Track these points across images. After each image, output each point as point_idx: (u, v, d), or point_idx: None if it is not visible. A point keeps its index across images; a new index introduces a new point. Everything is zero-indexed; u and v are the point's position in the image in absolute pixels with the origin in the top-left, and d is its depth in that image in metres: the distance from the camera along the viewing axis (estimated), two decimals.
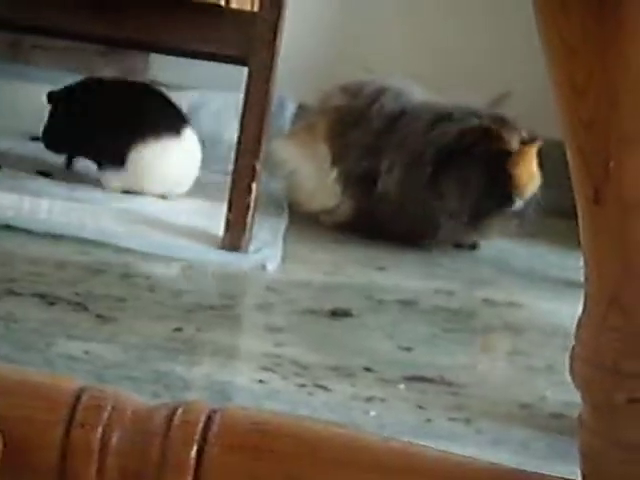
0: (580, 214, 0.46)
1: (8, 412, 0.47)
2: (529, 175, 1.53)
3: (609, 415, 0.47)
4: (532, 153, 1.54)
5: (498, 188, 1.53)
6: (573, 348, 0.49)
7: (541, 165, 1.54)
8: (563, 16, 0.41)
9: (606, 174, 0.43)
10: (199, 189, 1.65)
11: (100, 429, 0.47)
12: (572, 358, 0.49)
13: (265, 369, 0.98)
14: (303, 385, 0.95)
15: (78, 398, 0.48)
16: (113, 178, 1.54)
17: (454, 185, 1.52)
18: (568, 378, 1.05)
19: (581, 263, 1.52)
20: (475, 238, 1.58)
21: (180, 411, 0.48)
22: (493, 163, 1.52)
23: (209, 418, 0.48)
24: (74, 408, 0.47)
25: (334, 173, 1.59)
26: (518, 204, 1.54)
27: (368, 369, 1.02)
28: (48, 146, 1.62)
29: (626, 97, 0.42)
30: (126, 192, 1.54)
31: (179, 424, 0.48)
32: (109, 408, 0.48)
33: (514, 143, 1.52)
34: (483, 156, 1.52)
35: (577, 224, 0.48)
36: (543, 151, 1.54)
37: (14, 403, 0.47)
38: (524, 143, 1.53)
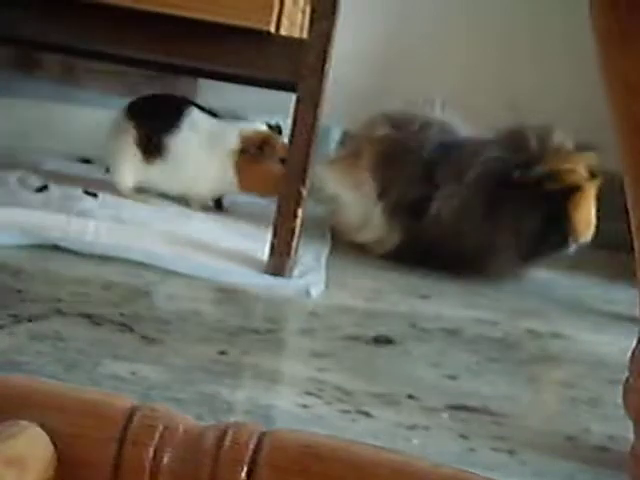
0: (635, 243, 0.46)
1: (62, 429, 0.47)
2: (588, 219, 1.51)
3: None
4: (593, 191, 1.51)
5: (555, 229, 1.51)
6: (627, 380, 0.49)
7: (599, 199, 1.51)
8: (623, 52, 0.41)
9: None
10: (245, 212, 1.66)
11: (152, 448, 0.47)
12: (626, 390, 0.48)
13: (308, 394, 0.98)
14: (346, 411, 0.95)
15: (131, 417, 0.48)
16: None
17: (510, 220, 1.51)
18: (612, 411, 1.04)
19: (625, 295, 1.51)
20: (522, 273, 1.57)
21: (231, 432, 0.48)
22: (553, 201, 1.50)
23: (259, 440, 0.49)
24: (126, 426, 0.48)
25: (380, 205, 1.59)
26: (572, 248, 1.52)
27: (411, 397, 1.02)
28: None
29: None
30: None
31: (230, 445, 0.48)
32: (161, 427, 0.48)
33: (577, 179, 1.50)
34: (544, 192, 1.50)
35: (620, 256, 0.48)
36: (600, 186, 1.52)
37: (68, 420, 0.48)
38: (587, 178, 1.51)
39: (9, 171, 1.64)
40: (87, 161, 1.85)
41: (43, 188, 1.60)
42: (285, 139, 1.50)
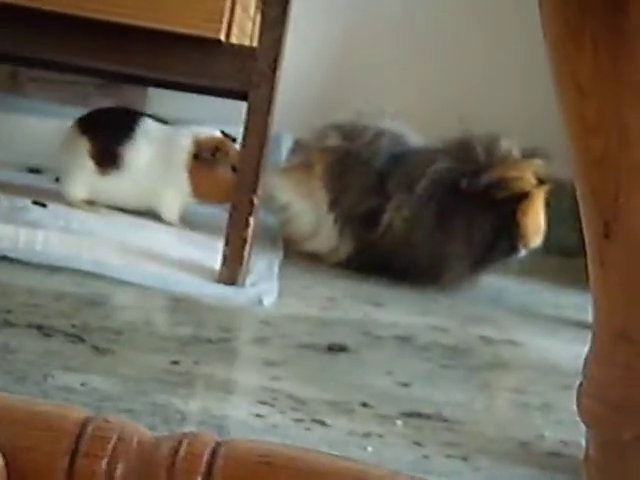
0: (589, 249, 0.46)
1: (13, 441, 0.46)
2: (537, 225, 1.53)
3: (617, 452, 0.47)
4: (541, 197, 1.53)
5: (505, 236, 1.52)
6: (580, 384, 0.49)
7: (548, 205, 1.53)
8: (576, 54, 0.41)
9: (616, 209, 0.44)
10: (195, 221, 1.65)
11: (105, 460, 0.47)
12: (579, 394, 0.49)
13: (262, 403, 0.97)
14: (300, 420, 0.95)
15: (83, 428, 0.47)
16: None
17: (461, 228, 1.52)
18: (565, 416, 1.05)
19: (576, 301, 1.52)
20: (473, 280, 1.58)
21: (185, 443, 0.48)
22: (502, 208, 1.51)
23: (214, 450, 0.48)
24: (79, 438, 0.47)
25: (332, 215, 1.60)
26: (522, 254, 1.54)
27: (365, 404, 1.02)
28: None
29: (637, 133, 0.42)
30: None
31: (184, 455, 0.47)
32: (114, 439, 0.47)
33: (524, 185, 1.52)
34: (492, 200, 1.51)
35: (570, 261, 0.48)
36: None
37: (19, 433, 0.47)
38: (535, 185, 1.52)
39: None
40: (35, 171, 1.83)
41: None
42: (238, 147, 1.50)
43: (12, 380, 0.91)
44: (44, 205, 1.59)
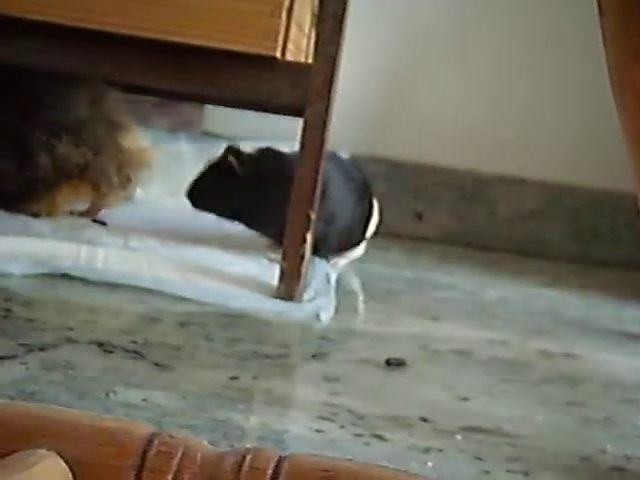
0: None
1: (80, 457, 0.47)
2: None
3: None
4: None
5: None
6: None
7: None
8: (637, 66, 0.41)
9: None
10: (253, 238, 1.66)
11: (170, 475, 0.47)
12: None
13: (322, 418, 0.97)
14: (360, 435, 0.95)
15: (149, 444, 0.48)
16: None
17: None
18: (628, 431, 1.04)
19: (636, 314, 1.51)
20: None
21: (249, 457, 0.48)
22: None
23: (278, 465, 0.48)
24: (145, 454, 0.48)
25: None
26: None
27: (425, 419, 1.01)
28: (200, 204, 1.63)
29: None
30: None
31: (248, 470, 0.48)
32: (179, 454, 0.48)
33: None
34: None
35: (630, 275, 0.48)
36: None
37: (85, 448, 0.47)
38: None
39: None
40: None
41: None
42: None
43: (75, 396, 0.92)
44: (104, 224, 1.61)
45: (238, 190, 1.58)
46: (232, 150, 1.62)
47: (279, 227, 1.46)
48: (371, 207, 1.68)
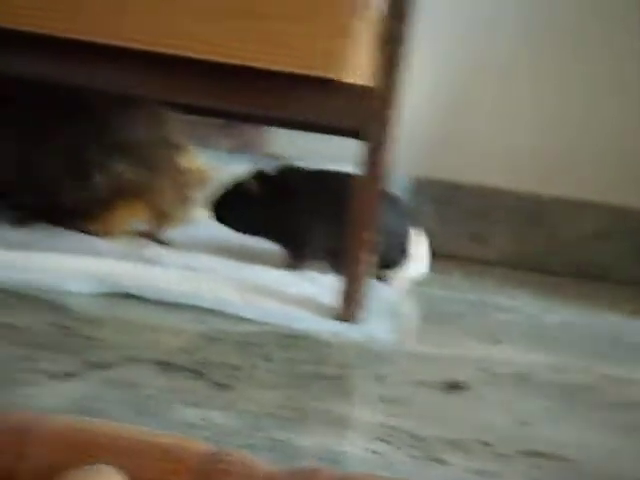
0: None
1: (141, 473, 0.48)
2: None
3: None
4: None
5: None
6: None
7: None
8: None
9: None
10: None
11: None
12: None
13: (379, 440, 0.97)
14: (417, 457, 0.95)
15: (206, 461, 0.48)
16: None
17: None
18: None
19: None
20: None
21: (308, 476, 0.48)
22: None
23: None
24: (202, 471, 0.48)
25: None
26: None
27: (484, 442, 1.01)
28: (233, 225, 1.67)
29: None
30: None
31: None
32: (237, 472, 0.48)
33: None
34: None
35: None
36: None
37: (147, 464, 0.48)
38: None
39: None
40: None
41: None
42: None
43: (135, 414, 0.93)
44: (166, 243, 1.62)
45: (257, 208, 1.62)
46: (256, 173, 1.65)
47: (298, 242, 1.54)
48: (407, 227, 1.68)
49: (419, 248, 1.72)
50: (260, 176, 1.64)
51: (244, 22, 1.35)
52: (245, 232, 1.66)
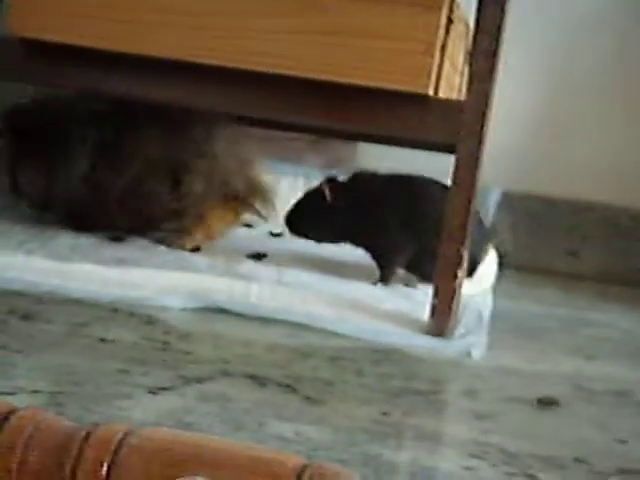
0: None
1: None
2: None
3: None
4: None
5: None
6: None
7: None
8: None
9: None
10: (403, 275, 1.66)
11: None
12: None
13: (472, 456, 0.97)
14: (512, 474, 0.94)
15: (300, 475, 0.49)
16: None
17: None
18: None
19: None
20: None
21: None
22: None
23: None
24: None
25: None
26: None
27: (579, 460, 0.99)
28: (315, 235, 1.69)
29: None
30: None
31: None
32: None
33: None
34: None
35: None
36: None
37: (239, 476, 0.49)
38: None
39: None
40: (248, 225, 1.90)
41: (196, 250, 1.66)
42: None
43: (230, 428, 0.94)
44: (260, 257, 1.64)
45: (331, 216, 1.62)
46: (328, 180, 1.66)
47: (378, 246, 1.58)
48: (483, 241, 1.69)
49: (488, 264, 1.73)
50: (332, 183, 1.65)
51: (337, 39, 1.36)
52: (320, 240, 1.67)
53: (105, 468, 0.53)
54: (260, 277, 1.52)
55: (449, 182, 1.39)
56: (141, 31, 1.40)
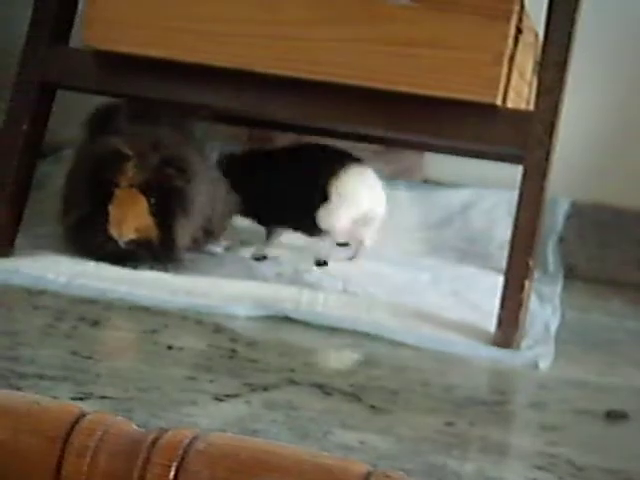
0: None
1: None
2: (121, 219, 1.48)
3: None
4: (134, 199, 1.48)
5: (99, 220, 1.49)
6: None
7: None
8: None
9: None
10: (470, 285, 1.66)
11: None
12: None
13: (539, 468, 0.96)
14: None
15: None
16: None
17: (71, 196, 1.55)
18: None
19: None
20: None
21: None
22: (101, 192, 1.49)
23: None
24: None
25: None
26: (119, 240, 1.48)
27: None
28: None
29: None
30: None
31: None
32: None
33: (125, 180, 1.48)
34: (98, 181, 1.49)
35: None
36: None
37: None
38: (136, 186, 1.48)
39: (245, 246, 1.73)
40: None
41: (262, 258, 1.67)
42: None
43: (295, 436, 0.95)
44: (326, 264, 1.65)
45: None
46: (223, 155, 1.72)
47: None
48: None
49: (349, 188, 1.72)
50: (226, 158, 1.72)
51: (405, 49, 1.37)
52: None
53: (172, 472, 0.53)
54: (326, 286, 1.53)
55: (517, 194, 1.38)
56: (211, 42, 1.42)
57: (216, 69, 1.42)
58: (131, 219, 1.48)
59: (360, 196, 1.68)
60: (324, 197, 1.65)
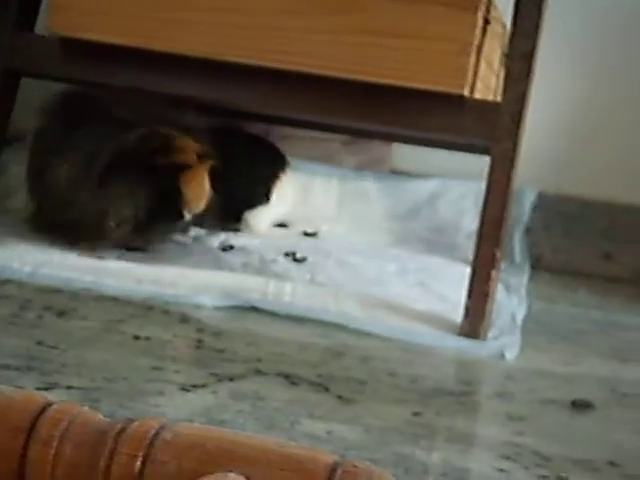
0: None
1: None
2: (199, 193, 1.52)
3: None
4: (204, 170, 1.51)
5: (168, 202, 1.50)
6: None
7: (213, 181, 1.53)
8: None
9: None
10: (437, 276, 1.66)
11: None
12: None
13: (505, 458, 0.97)
14: (545, 476, 0.93)
15: (333, 471, 0.49)
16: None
17: (124, 192, 1.49)
18: None
19: None
20: (140, 243, 1.56)
21: None
22: (165, 176, 1.49)
23: None
24: None
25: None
26: (186, 218, 1.53)
27: (612, 463, 0.99)
28: None
29: None
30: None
31: None
32: None
33: (189, 157, 1.50)
34: (157, 167, 1.49)
35: None
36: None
37: (273, 474, 0.49)
38: (199, 158, 1.51)
39: (213, 235, 1.72)
40: (282, 225, 1.90)
41: (229, 248, 1.66)
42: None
43: (262, 426, 0.94)
44: (299, 260, 1.65)
45: None
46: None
47: None
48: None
49: (283, 190, 1.78)
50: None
51: (374, 39, 1.37)
52: None
53: (139, 463, 0.53)
54: (293, 276, 1.53)
55: (484, 184, 1.38)
56: (179, 30, 1.41)
57: (184, 58, 1.42)
58: (204, 194, 1.53)
59: None
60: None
